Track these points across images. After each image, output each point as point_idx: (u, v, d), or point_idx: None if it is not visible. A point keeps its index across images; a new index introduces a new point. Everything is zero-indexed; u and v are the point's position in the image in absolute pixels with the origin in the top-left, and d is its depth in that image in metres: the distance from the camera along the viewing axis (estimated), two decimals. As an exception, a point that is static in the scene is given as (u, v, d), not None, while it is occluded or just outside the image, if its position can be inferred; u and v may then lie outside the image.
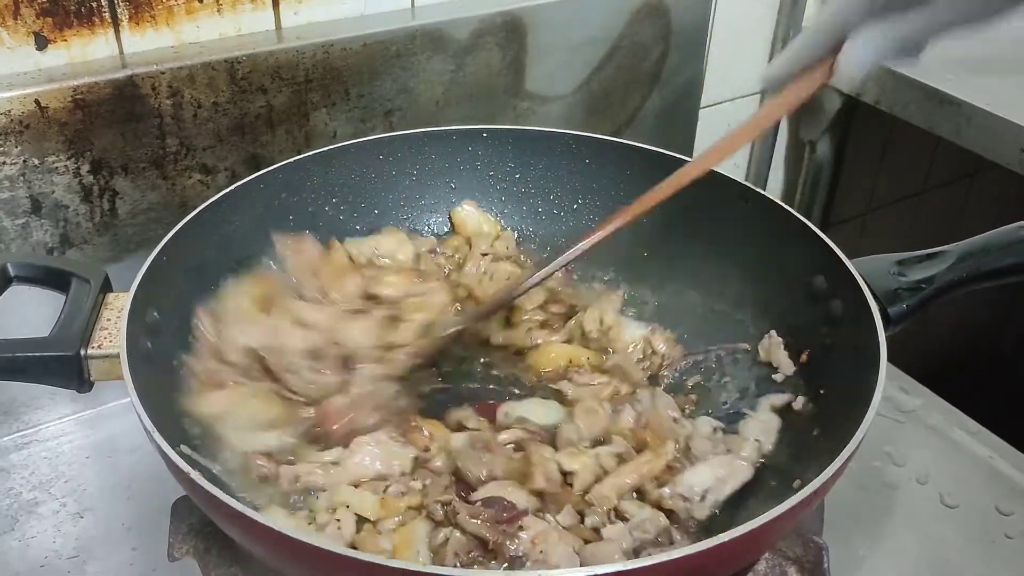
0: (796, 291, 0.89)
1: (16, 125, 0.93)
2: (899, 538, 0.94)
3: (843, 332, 0.83)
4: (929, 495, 0.99)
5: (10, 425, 1.06)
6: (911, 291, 0.82)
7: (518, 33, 1.20)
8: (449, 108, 1.19)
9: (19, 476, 1.01)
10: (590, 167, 1.06)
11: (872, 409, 0.67)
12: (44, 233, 0.99)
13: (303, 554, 0.58)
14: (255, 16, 1.07)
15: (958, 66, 1.42)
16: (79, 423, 1.08)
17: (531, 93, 1.25)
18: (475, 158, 1.08)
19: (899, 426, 1.09)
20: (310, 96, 1.08)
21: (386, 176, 1.05)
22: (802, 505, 0.61)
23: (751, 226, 0.96)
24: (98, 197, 1.00)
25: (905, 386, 1.14)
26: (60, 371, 0.76)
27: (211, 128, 1.04)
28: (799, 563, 0.71)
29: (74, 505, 0.98)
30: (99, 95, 0.96)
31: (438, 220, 1.09)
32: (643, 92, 1.36)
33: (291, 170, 0.98)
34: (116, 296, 0.82)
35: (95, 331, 0.78)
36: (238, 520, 0.61)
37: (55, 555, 0.92)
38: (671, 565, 0.56)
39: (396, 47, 1.12)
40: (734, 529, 0.58)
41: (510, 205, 1.09)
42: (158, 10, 1.01)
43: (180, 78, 1.00)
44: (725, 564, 0.62)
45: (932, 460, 1.03)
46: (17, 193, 0.96)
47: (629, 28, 1.29)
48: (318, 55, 1.07)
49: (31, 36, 0.96)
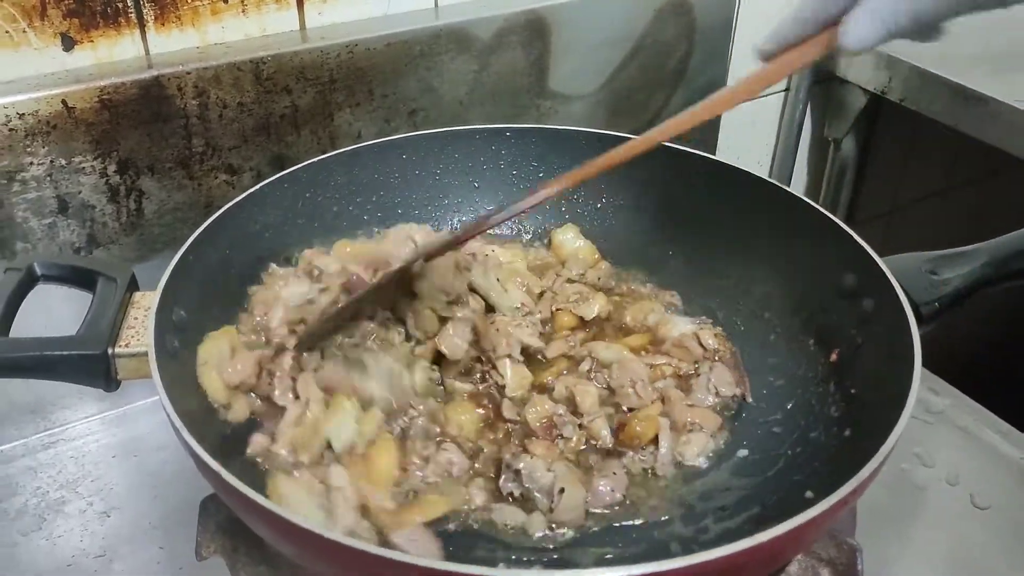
0: (825, 289, 0.88)
1: (43, 126, 0.94)
2: (929, 539, 0.93)
3: (874, 331, 0.82)
4: (960, 496, 0.98)
5: (37, 424, 1.06)
6: (943, 289, 0.81)
7: (542, 32, 1.20)
8: (473, 107, 1.19)
9: (46, 475, 1.02)
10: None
11: (908, 408, 0.66)
12: (71, 233, 0.99)
13: (333, 552, 0.58)
14: (280, 16, 1.07)
15: (983, 62, 1.41)
16: (105, 422, 1.08)
17: (555, 92, 1.25)
18: (498, 157, 1.08)
19: (928, 427, 1.08)
20: (334, 96, 1.08)
21: (409, 175, 1.05)
22: (839, 506, 0.60)
23: (778, 224, 0.95)
24: (124, 197, 1.01)
25: (934, 387, 1.13)
26: (87, 369, 0.76)
27: (236, 128, 1.04)
28: (832, 564, 0.70)
29: (101, 504, 0.98)
30: (125, 95, 0.97)
31: (461, 220, 1.09)
32: (667, 91, 1.35)
33: (315, 169, 0.99)
34: (143, 295, 0.82)
35: (122, 329, 0.78)
36: (267, 517, 0.61)
37: (82, 554, 0.93)
38: (709, 565, 0.55)
39: (420, 47, 1.12)
40: (771, 529, 0.57)
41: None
42: (183, 11, 1.01)
43: (206, 78, 1.00)
44: (761, 565, 0.62)
45: (962, 461, 1.02)
46: (44, 193, 0.96)
47: (653, 27, 1.29)
48: (342, 55, 1.07)
49: (58, 37, 0.96)
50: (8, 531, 0.95)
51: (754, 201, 0.96)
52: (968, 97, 1.37)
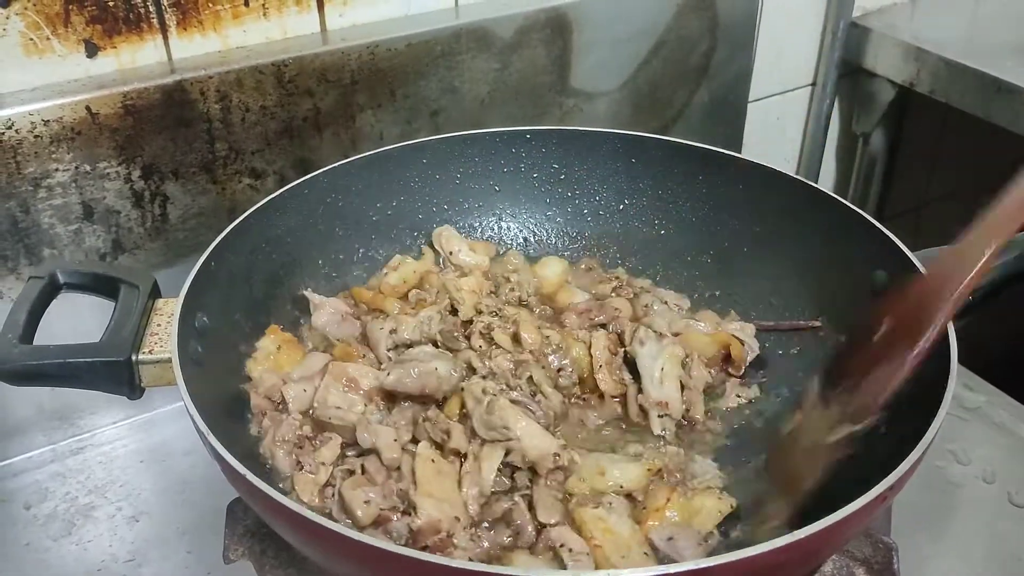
0: (855, 286, 0.87)
1: (68, 132, 0.94)
2: (966, 537, 0.92)
3: (908, 327, 0.80)
4: (996, 494, 0.96)
5: (66, 430, 1.07)
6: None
7: (563, 29, 1.19)
8: (495, 107, 1.18)
9: (75, 481, 1.02)
10: (635, 166, 1.05)
11: (945, 404, 0.65)
12: (96, 239, 1.00)
13: (359, 553, 0.57)
14: (300, 19, 1.07)
15: (1014, 52, 1.38)
16: (133, 428, 1.09)
17: (577, 90, 1.24)
18: (518, 159, 1.06)
19: (963, 423, 1.06)
20: (356, 98, 1.08)
21: (429, 179, 1.05)
22: (875, 503, 0.59)
23: (807, 220, 0.93)
24: (149, 202, 1.01)
25: (969, 383, 1.11)
26: (111, 377, 0.76)
27: (259, 132, 1.04)
28: (867, 564, 0.69)
29: (129, 509, 0.99)
30: (148, 101, 0.97)
31: (482, 223, 1.08)
32: (691, 87, 1.34)
33: (335, 175, 0.98)
34: (165, 302, 0.82)
35: (145, 336, 0.78)
36: (292, 520, 0.61)
37: (111, 559, 0.93)
38: (746, 563, 0.54)
39: (441, 47, 1.11)
40: (809, 527, 0.56)
41: (555, 207, 1.08)
42: (205, 15, 1.02)
43: (228, 82, 1.00)
44: (799, 563, 0.60)
45: (998, 458, 1.00)
46: (70, 199, 0.97)
47: (675, 22, 1.28)
48: (363, 56, 1.07)
49: (81, 44, 0.96)
50: (39, 536, 0.96)
51: (780, 198, 0.95)
52: (999, 87, 1.35)
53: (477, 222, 1.08)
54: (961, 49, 1.42)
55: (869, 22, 1.52)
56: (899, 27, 1.51)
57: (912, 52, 1.45)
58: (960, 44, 1.43)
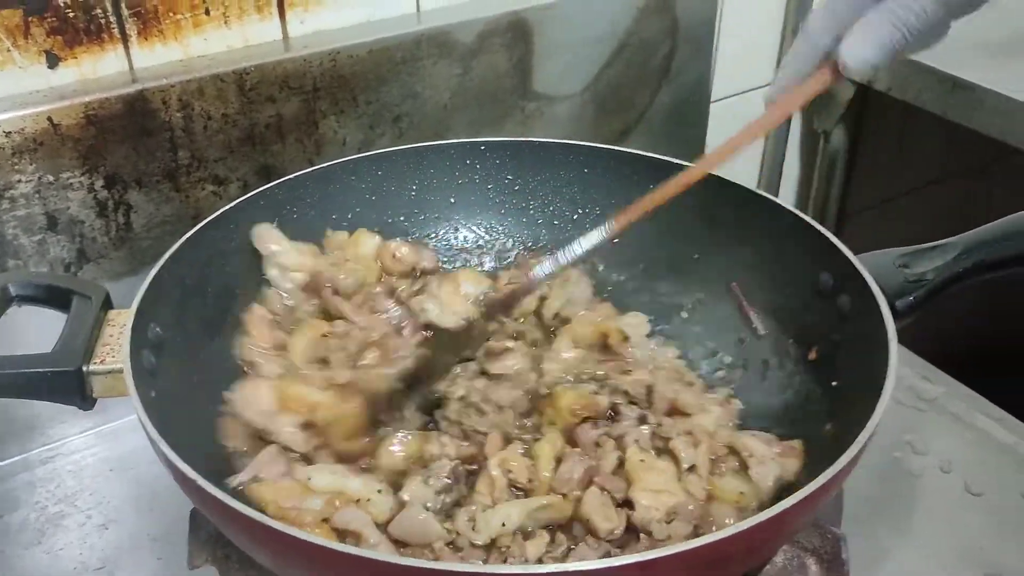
0: (802, 289, 0.89)
1: (30, 143, 0.95)
2: (924, 528, 0.93)
3: (852, 327, 0.82)
4: (953, 484, 0.98)
5: (35, 440, 1.07)
6: (917, 284, 0.82)
7: (524, 34, 1.20)
8: (457, 112, 1.19)
9: (44, 490, 1.02)
10: (588, 176, 1.06)
11: (884, 399, 0.67)
12: (61, 249, 1.00)
13: (304, 553, 0.58)
14: (262, 27, 1.08)
15: (970, 49, 1.40)
16: (102, 436, 1.09)
17: (539, 94, 1.25)
18: (473, 171, 1.07)
19: (921, 415, 1.07)
20: (319, 104, 1.09)
21: (385, 191, 1.05)
22: (819, 493, 0.60)
23: (753, 226, 0.95)
24: (113, 211, 1.02)
25: (927, 375, 1.13)
26: (62, 387, 0.76)
27: (222, 139, 1.05)
28: (817, 554, 0.71)
29: (99, 517, 0.99)
30: (111, 111, 0.98)
31: (439, 233, 1.09)
32: (652, 89, 1.36)
33: (290, 187, 0.98)
34: (118, 313, 0.82)
35: (97, 347, 0.78)
36: (240, 523, 0.62)
37: (82, 567, 0.93)
38: (693, 554, 0.56)
39: (402, 53, 1.12)
40: (753, 517, 0.58)
41: (510, 217, 1.09)
42: (166, 24, 1.02)
43: (190, 91, 1.01)
44: (747, 553, 0.62)
45: (956, 448, 1.02)
46: (33, 210, 0.97)
47: (636, 25, 1.29)
48: (325, 63, 1.08)
49: (42, 55, 0.97)
50: (10, 545, 0.96)
51: (728, 204, 0.96)
52: (955, 85, 1.37)
53: (433, 232, 1.08)
54: (918, 47, 1.44)
55: (828, 22, 1.54)
56: (858, 26, 1.53)
57: (870, 51, 1.47)
58: (917, 43, 1.45)
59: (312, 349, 0.91)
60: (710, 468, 0.77)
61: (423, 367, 0.88)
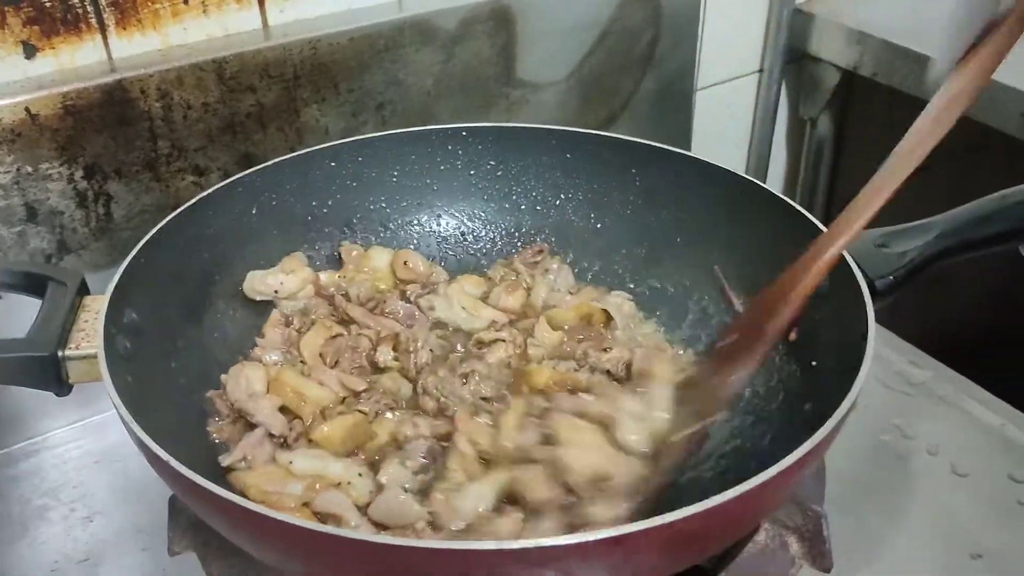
0: (781, 269, 0.88)
1: (8, 134, 0.94)
2: (911, 509, 0.93)
3: (831, 306, 0.81)
4: (940, 465, 0.98)
5: (18, 434, 1.06)
6: (897, 264, 0.82)
7: (507, 21, 1.20)
8: (440, 99, 1.19)
9: (28, 483, 1.02)
10: (570, 161, 1.05)
11: (862, 374, 0.67)
12: (41, 240, 1.00)
13: (278, 532, 0.58)
14: (241, 15, 1.07)
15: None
16: (86, 429, 1.08)
17: (523, 81, 1.25)
18: (455, 157, 1.06)
19: (908, 399, 1.07)
20: (300, 93, 1.08)
21: (366, 178, 1.04)
22: (796, 466, 0.60)
23: (736, 209, 0.95)
24: (93, 202, 1.01)
25: (915, 359, 1.13)
26: (37, 372, 0.76)
27: (202, 129, 1.04)
28: (799, 532, 0.71)
29: (83, 509, 0.99)
30: (89, 100, 0.97)
31: (419, 219, 1.08)
32: (636, 76, 1.35)
33: (269, 174, 0.98)
34: (93, 299, 0.82)
35: (72, 332, 0.78)
36: (209, 500, 0.61)
37: (66, 559, 0.93)
38: (673, 527, 0.55)
39: (384, 40, 1.12)
40: (731, 490, 0.57)
41: (492, 203, 1.08)
42: (144, 14, 1.02)
43: (168, 80, 1.00)
44: (728, 527, 0.62)
45: (943, 431, 1.02)
46: (12, 201, 0.97)
47: (619, 11, 1.29)
48: (305, 51, 1.07)
49: (19, 45, 0.96)
50: (-7, 539, 0.95)
51: (711, 188, 0.96)
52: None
53: (415, 219, 1.07)
54: (903, 32, 1.44)
55: (813, 8, 1.54)
56: (843, 12, 1.53)
57: (855, 36, 1.47)
58: (902, 27, 1.45)
59: (323, 348, 0.91)
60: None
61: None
